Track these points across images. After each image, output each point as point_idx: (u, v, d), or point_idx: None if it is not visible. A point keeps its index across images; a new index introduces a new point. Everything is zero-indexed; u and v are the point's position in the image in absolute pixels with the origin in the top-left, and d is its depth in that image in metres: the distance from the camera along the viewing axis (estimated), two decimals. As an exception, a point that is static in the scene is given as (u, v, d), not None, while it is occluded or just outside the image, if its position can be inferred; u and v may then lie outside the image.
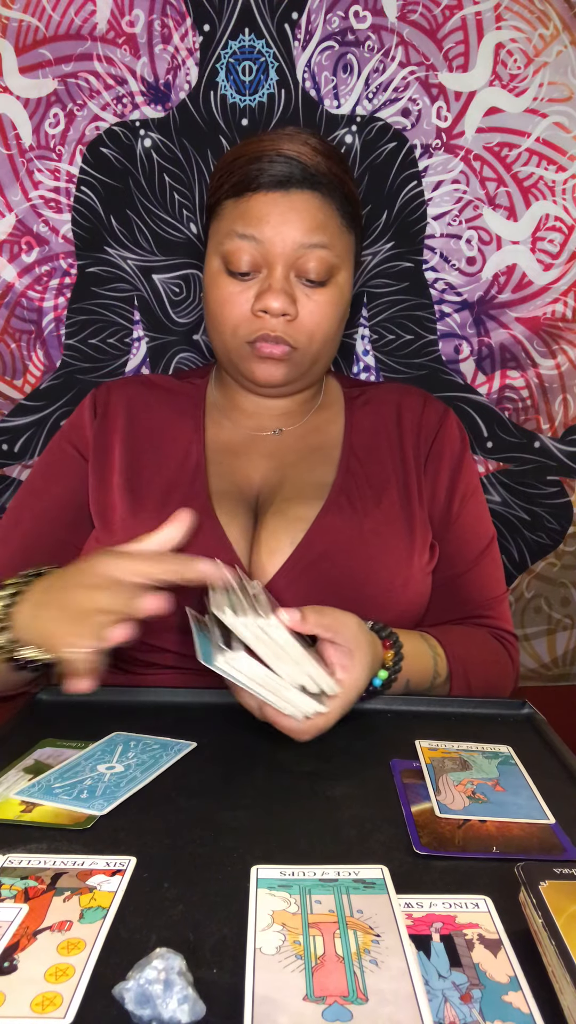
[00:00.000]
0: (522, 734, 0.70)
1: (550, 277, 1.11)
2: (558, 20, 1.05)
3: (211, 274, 0.87)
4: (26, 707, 0.75)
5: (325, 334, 0.87)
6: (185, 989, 0.37)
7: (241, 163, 0.84)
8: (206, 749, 0.65)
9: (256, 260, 0.84)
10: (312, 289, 0.85)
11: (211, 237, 0.89)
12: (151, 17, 1.08)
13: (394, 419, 0.93)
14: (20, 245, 1.14)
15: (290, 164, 0.82)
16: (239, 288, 0.85)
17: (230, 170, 0.85)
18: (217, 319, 0.87)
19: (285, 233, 0.82)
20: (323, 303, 0.85)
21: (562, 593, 1.21)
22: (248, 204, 0.83)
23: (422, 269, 1.14)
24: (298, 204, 0.83)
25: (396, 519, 0.84)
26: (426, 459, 0.91)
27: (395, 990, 0.38)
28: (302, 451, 0.91)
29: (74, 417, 0.95)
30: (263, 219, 0.82)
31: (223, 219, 0.86)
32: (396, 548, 0.83)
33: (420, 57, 1.07)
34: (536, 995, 0.39)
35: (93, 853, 0.50)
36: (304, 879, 0.47)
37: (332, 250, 0.85)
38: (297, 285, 0.85)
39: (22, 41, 1.08)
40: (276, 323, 0.84)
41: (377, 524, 0.83)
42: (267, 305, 0.82)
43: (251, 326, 0.85)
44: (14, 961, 0.41)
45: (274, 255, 0.83)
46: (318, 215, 0.83)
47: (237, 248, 0.83)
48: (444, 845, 0.52)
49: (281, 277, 0.83)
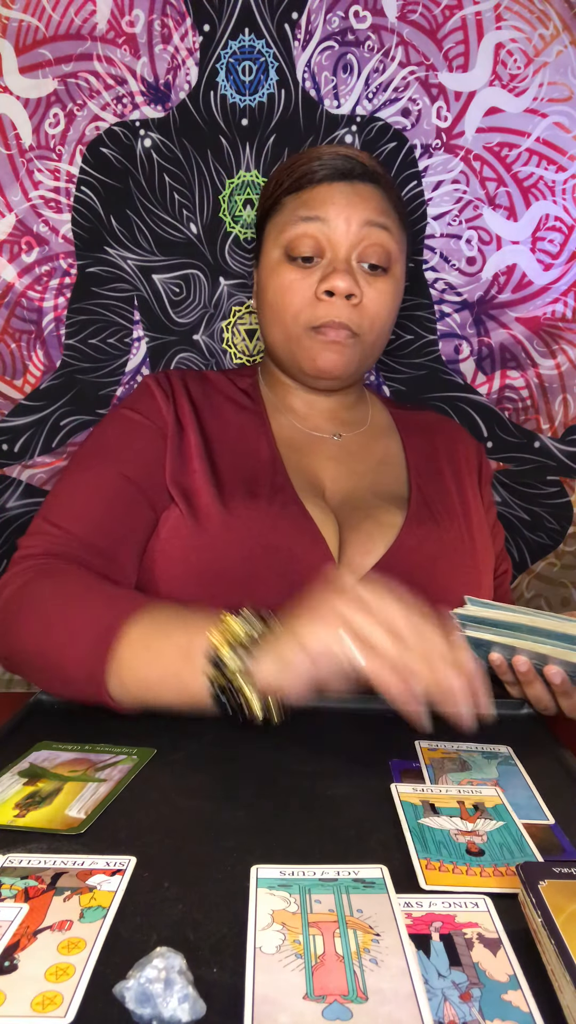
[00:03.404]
0: (522, 734, 0.70)
1: (550, 277, 1.11)
2: (558, 20, 1.05)
3: (271, 266, 0.87)
4: (26, 708, 0.75)
5: (384, 323, 0.87)
6: (185, 988, 0.37)
7: (301, 162, 0.86)
8: (206, 749, 0.65)
9: (320, 244, 0.84)
10: (374, 277, 0.85)
11: (269, 233, 0.89)
12: (151, 17, 1.08)
13: (446, 446, 0.96)
14: (20, 245, 1.14)
15: (350, 160, 0.85)
16: (301, 275, 0.85)
17: (290, 170, 0.87)
18: (278, 307, 0.86)
19: (350, 214, 0.83)
20: (384, 291, 0.86)
21: (562, 593, 1.21)
22: (312, 193, 0.85)
23: (422, 269, 1.14)
24: (361, 191, 0.85)
25: (463, 536, 0.87)
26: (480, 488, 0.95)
27: (395, 989, 0.38)
28: (368, 462, 0.92)
29: (141, 397, 0.89)
30: (328, 201, 0.84)
31: (283, 212, 0.87)
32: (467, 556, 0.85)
33: (420, 57, 1.07)
34: (535, 994, 0.39)
35: (93, 853, 0.51)
36: (304, 879, 0.47)
37: (393, 236, 0.86)
38: (359, 271, 0.85)
39: (22, 41, 1.08)
40: (341, 307, 0.83)
41: (452, 535, 0.85)
42: (334, 285, 0.82)
43: (314, 311, 0.84)
44: (14, 960, 0.41)
45: (339, 236, 0.83)
46: (380, 202, 0.86)
47: (301, 232, 0.84)
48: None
49: (345, 259, 0.84)
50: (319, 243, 0.84)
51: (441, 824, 0.54)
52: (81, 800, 0.57)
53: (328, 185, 0.84)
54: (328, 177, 0.84)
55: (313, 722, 0.71)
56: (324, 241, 0.84)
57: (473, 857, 0.50)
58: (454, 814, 0.55)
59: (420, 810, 0.56)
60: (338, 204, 0.83)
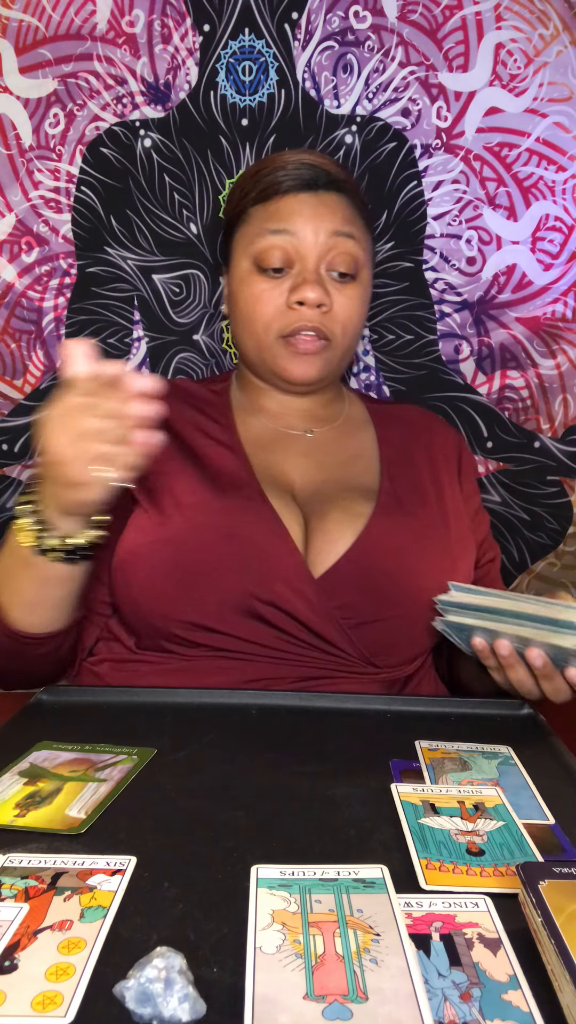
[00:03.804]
0: (522, 734, 0.70)
1: (550, 277, 1.11)
2: (558, 20, 1.05)
3: (240, 276, 0.89)
4: (26, 707, 0.76)
5: (355, 327, 0.90)
6: (186, 988, 0.37)
7: (266, 172, 0.88)
8: (206, 749, 0.65)
9: (288, 255, 0.86)
10: (342, 284, 0.87)
11: (237, 243, 0.91)
12: (151, 17, 1.08)
13: (423, 439, 0.96)
14: (20, 245, 1.14)
15: (315, 169, 0.87)
16: (271, 285, 0.86)
17: (256, 180, 0.89)
18: (249, 317, 0.88)
19: (317, 225, 0.85)
20: (353, 296, 0.88)
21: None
22: (278, 204, 0.87)
23: (422, 269, 1.14)
24: (327, 201, 0.87)
25: (438, 525, 0.86)
26: (459, 479, 0.94)
27: (395, 989, 0.38)
28: (340, 456, 0.92)
29: None
30: (295, 213, 0.86)
31: (251, 223, 0.89)
32: (440, 547, 0.85)
33: (420, 57, 1.07)
34: (536, 994, 0.39)
35: (93, 853, 0.51)
36: (304, 879, 0.47)
37: (359, 244, 0.88)
38: (328, 280, 0.87)
39: (22, 41, 1.08)
40: (312, 315, 0.85)
41: (423, 524, 0.85)
42: (304, 296, 0.84)
43: (285, 319, 0.86)
44: (15, 960, 0.41)
45: (307, 247, 0.85)
46: (346, 211, 0.88)
47: (270, 245, 0.86)
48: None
49: (314, 269, 0.86)
50: (288, 254, 0.86)
51: (441, 824, 0.54)
52: (81, 800, 0.57)
53: (294, 196, 0.86)
54: (294, 188, 0.86)
55: (313, 722, 0.71)
56: (293, 252, 0.86)
57: (473, 857, 0.50)
58: (454, 814, 0.55)
59: (420, 810, 0.56)
60: (305, 216, 0.85)
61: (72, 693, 0.80)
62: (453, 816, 0.55)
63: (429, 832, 0.53)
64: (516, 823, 0.54)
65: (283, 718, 0.72)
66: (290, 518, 0.81)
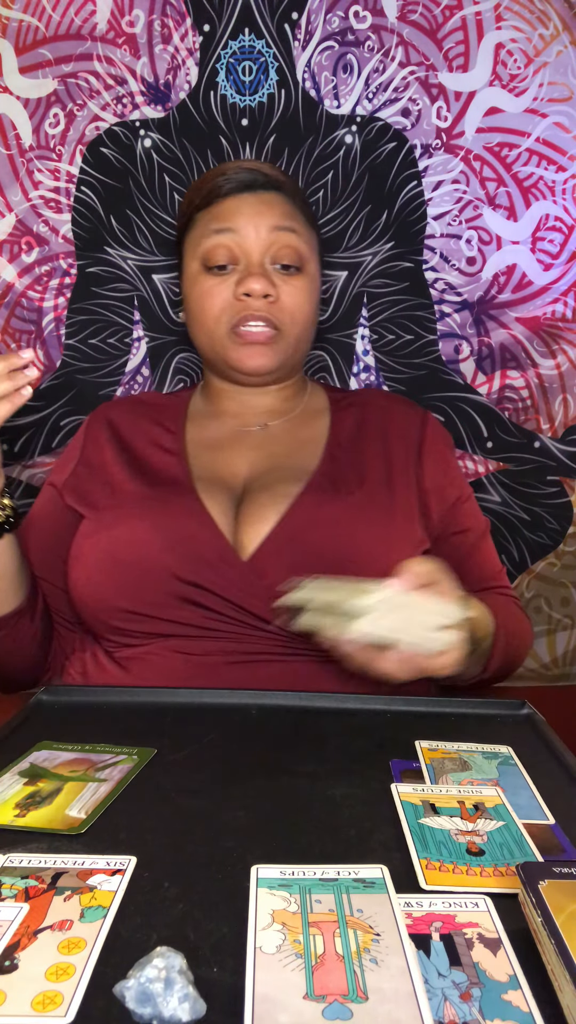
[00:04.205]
0: (522, 734, 0.70)
1: (550, 277, 1.11)
2: (558, 20, 1.05)
3: (191, 277, 0.93)
4: (26, 707, 0.76)
5: (305, 317, 0.92)
6: (186, 988, 0.37)
7: (208, 179, 0.93)
8: (206, 749, 0.65)
9: (233, 252, 0.90)
10: (288, 276, 0.91)
11: (186, 248, 0.95)
12: (151, 17, 1.08)
13: (379, 418, 0.96)
14: (20, 245, 1.14)
15: (253, 173, 0.91)
16: (218, 281, 0.90)
17: (198, 188, 0.94)
18: (199, 312, 0.92)
19: (258, 222, 0.90)
20: (299, 287, 0.91)
21: (562, 593, 1.21)
22: (220, 207, 0.91)
23: (422, 269, 1.14)
24: (265, 199, 0.91)
25: (377, 498, 0.87)
26: (419, 455, 0.93)
27: (395, 989, 0.38)
28: (291, 444, 0.94)
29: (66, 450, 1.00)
30: (236, 212, 0.90)
31: (197, 227, 0.93)
32: (376, 522, 0.85)
33: (420, 57, 1.07)
34: (536, 994, 0.39)
35: (93, 853, 0.51)
36: (304, 878, 0.47)
37: (301, 237, 0.92)
38: (273, 273, 0.90)
39: (22, 41, 1.08)
40: (259, 304, 0.89)
41: (358, 500, 0.86)
42: (249, 287, 0.88)
43: (233, 310, 0.90)
44: (15, 960, 0.41)
45: (250, 243, 0.89)
46: (285, 207, 0.92)
47: (215, 244, 0.90)
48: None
49: (258, 263, 0.90)
50: (232, 252, 0.90)
51: (441, 824, 0.54)
52: (81, 800, 0.57)
53: (235, 197, 0.91)
54: (234, 190, 0.91)
55: (313, 722, 0.71)
56: (237, 249, 0.90)
57: (473, 857, 0.50)
58: (454, 814, 0.55)
59: (420, 810, 0.56)
60: (246, 214, 0.90)
61: (72, 693, 0.80)
62: (453, 816, 0.55)
63: (429, 832, 0.53)
64: (516, 823, 0.54)
65: (283, 718, 0.72)
66: (219, 508, 0.84)
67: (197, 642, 0.81)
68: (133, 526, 0.83)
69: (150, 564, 0.81)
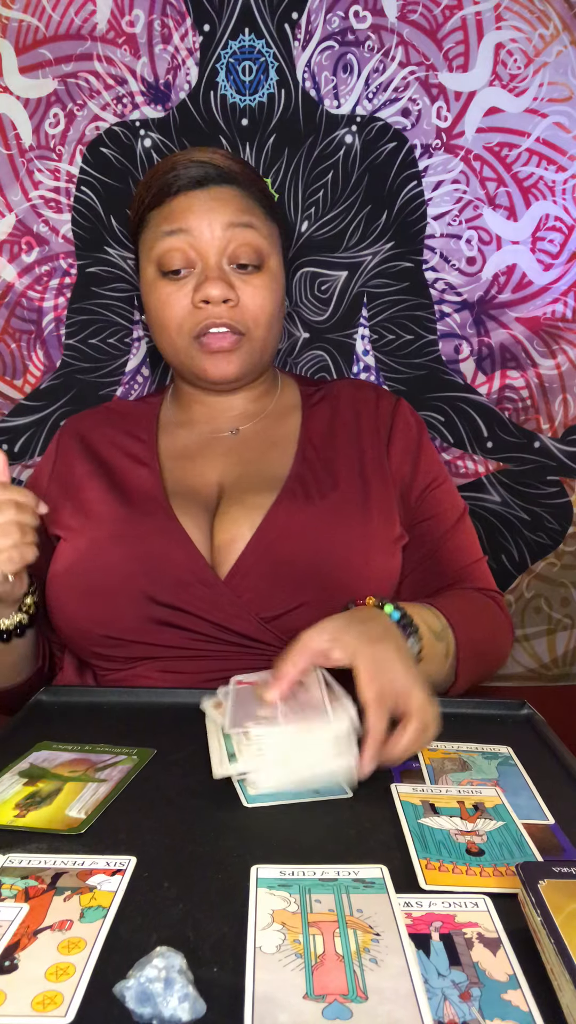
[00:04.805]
0: (522, 734, 0.70)
1: (550, 277, 1.11)
2: (558, 20, 1.05)
3: (147, 284, 0.90)
4: (26, 708, 0.76)
5: (269, 317, 0.89)
6: (186, 987, 0.37)
7: (158, 175, 0.88)
8: (206, 749, 0.65)
9: (188, 255, 0.86)
10: (247, 275, 0.87)
11: (141, 250, 0.91)
12: (151, 17, 1.08)
13: (350, 411, 0.94)
14: (20, 245, 1.14)
15: (204, 166, 0.86)
16: (175, 287, 0.87)
17: (148, 185, 0.89)
18: (160, 321, 0.89)
19: (212, 219, 0.85)
20: (261, 287, 0.87)
21: (562, 593, 1.21)
22: (171, 205, 0.87)
23: (422, 269, 1.14)
24: (218, 195, 0.86)
25: (352, 499, 0.85)
26: (387, 444, 0.91)
27: (395, 988, 0.38)
28: (260, 447, 0.92)
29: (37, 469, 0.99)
30: (188, 211, 0.86)
31: (149, 227, 0.89)
32: (352, 525, 0.83)
33: (420, 57, 1.07)
34: (535, 993, 0.39)
35: (93, 853, 0.51)
36: (304, 878, 0.47)
37: (259, 232, 0.87)
38: (232, 274, 0.87)
39: (22, 41, 1.08)
40: (220, 311, 0.85)
41: (332, 504, 0.84)
42: (207, 294, 0.84)
43: (194, 319, 0.86)
44: (15, 960, 0.41)
45: (204, 244, 0.85)
46: (240, 202, 0.87)
47: (168, 247, 0.86)
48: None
49: (215, 265, 0.86)
50: (187, 255, 0.86)
51: (441, 824, 0.54)
52: (81, 800, 0.57)
53: (186, 195, 0.86)
54: (185, 187, 0.86)
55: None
56: (191, 252, 0.86)
57: (473, 857, 0.50)
58: (454, 814, 0.55)
59: (420, 810, 0.56)
60: (197, 212, 0.85)
61: (72, 693, 0.80)
62: (453, 816, 0.55)
63: (429, 832, 0.53)
64: (516, 823, 0.54)
65: (283, 718, 0.71)
66: (194, 524, 0.82)
67: (183, 663, 0.79)
68: (107, 550, 0.81)
69: (126, 589, 0.79)
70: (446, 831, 0.53)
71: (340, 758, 0.58)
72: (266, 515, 0.81)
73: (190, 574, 0.79)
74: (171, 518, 0.82)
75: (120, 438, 0.94)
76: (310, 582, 0.79)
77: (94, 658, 0.83)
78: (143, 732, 0.68)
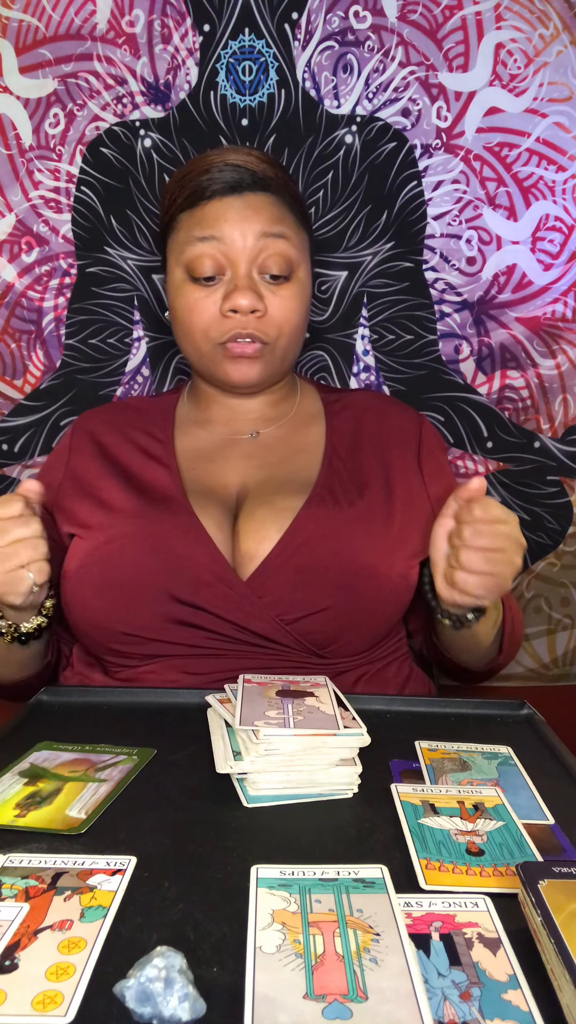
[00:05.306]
0: (522, 734, 0.71)
1: (550, 277, 1.11)
2: (558, 20, 1.05)
3: (175, 285, 0.89)
4: (26, 708, 0.76)
5: (293, 328, 0.89)
6: (186, 987, 0.37)
7: (192, 176, 0.87)
8: (206, 749, 0.65)
9: (219, 262, 0.86)
10: (276, 285, 0.87)
11: (170, 251, 0.91)
12: (151, 17, 1.08)
13: (376, 424, 0.95)
14: (20, 245, 1.14)
15: (239, 171, 0.86)
16: (204, 293, 0.87)
17: (182, 184, 0.88)
18: (186, 326, 0.89)
19: (245, 228, 0.85)
20: (289, 297, 0.88)
21: (562, 593, 1.21)
22: (204, 210, 0.86)
23: (422, 269, 1.14)
24: (253, 203, 0.86)
25: (378, 510, 0.86)
26: (418, 462, 0.93)
27: (395, 988, 0.38)
28: (284, 452, 0.92)
29: (48, 461, 0.99)
30: (221, 219, 0.85)
31: (180, 230, 0.89)
32: (378, 535, 0.83)
33: (420, 57, 1.07)
34: (535, 993, 0.39)
35: (93, 853, 0.51)
36: (304, 878, 0.47)
37: (291, 242, 0.87)
38: (261, 283, 0.87)
39: (22, 41, 1.08)
40: (247, 320, 0.85)
41: (360, 513, 0.84)
42: (236, 304, 0.84)
43: (221, 327, 0.86)
44: (15, 960, 0.41)
45: (236, 253, 0.85)
46: (274, 210, 0.87)
47: (199, 253, 0.86)
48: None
49: (245, 275, 0.86)
50: (218, 262, 0.86)
51: (441, 824, 0.54)
52: (81, 800, 0.57)
53: (219, 200, 0.85)
54: (219, 192, 0.85)
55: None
56: (222, 259, 0.85)
57: (473, 857, 0.50)
58: (454, 814, 0.55)
59: (420, 810, 0.56)
60: (231, 220, 0.85)
61: (72, 693, 0.80)
62: (453, 816, 0.55)
63: (429, 832, 0.53)
64: (516, 823, 0.54)
65: (283, 718, 0.71)
66: (215, 524, 0.82)
67: (199, 661, 0.80)
68: (128, 547, 0.81)
69: (147, 587, 0.79)
70: (446, 831, 0.53)
71: (346, 769, 0.59)
72: (295, 518, 0.82)
73: (211, 574, 0.79)
74: (192, 517, 0.82)
75: (136, 435, 0.94)
76: (334, 586, 0.79)
77: (109, 654, 0.83)
78: (143, 732, 0.68)
